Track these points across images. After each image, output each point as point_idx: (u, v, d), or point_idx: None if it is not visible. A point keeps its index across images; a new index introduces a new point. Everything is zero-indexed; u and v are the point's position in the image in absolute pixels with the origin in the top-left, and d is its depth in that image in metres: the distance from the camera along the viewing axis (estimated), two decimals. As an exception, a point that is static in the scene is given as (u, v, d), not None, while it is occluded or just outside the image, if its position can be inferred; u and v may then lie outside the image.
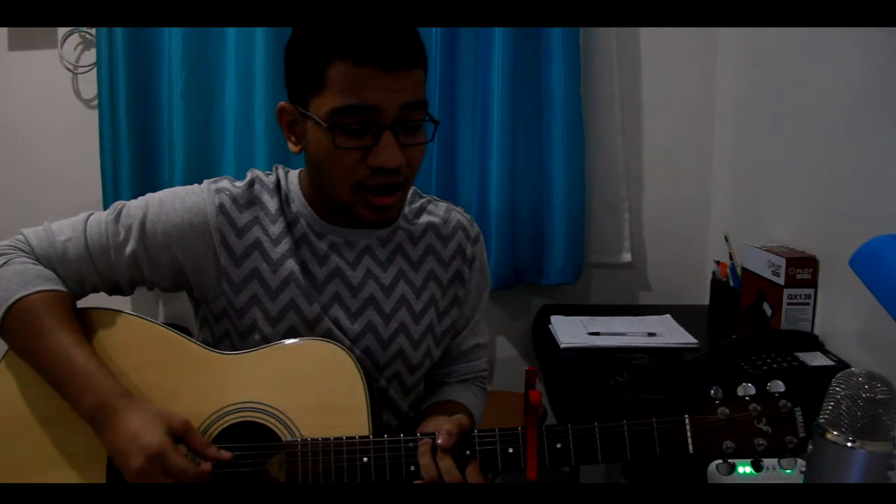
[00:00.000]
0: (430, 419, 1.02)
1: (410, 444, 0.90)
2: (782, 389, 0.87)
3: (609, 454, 0.88)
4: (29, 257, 1.00)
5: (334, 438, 0.91)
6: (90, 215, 1.04)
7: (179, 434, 0.89)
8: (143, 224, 1.01)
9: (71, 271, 1.01)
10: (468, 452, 0.90)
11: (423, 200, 1.14)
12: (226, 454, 0.90)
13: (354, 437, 0.91)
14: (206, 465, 0.88)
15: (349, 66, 0.89)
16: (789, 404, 0.87)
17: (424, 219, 1.12)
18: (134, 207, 1.03)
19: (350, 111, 0.90)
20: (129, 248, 1.01)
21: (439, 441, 0.89)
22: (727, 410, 0.87)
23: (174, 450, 0.87)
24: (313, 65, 0.92)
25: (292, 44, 0.97)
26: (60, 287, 0.99)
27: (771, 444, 0.86)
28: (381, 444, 0.90)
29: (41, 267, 1.00)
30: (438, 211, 1.14)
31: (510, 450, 0.89)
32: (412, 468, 0.89)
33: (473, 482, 0.88)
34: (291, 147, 1.00)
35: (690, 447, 0.87)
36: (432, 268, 1.10)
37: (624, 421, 0.88)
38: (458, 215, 1.15)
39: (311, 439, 0.91)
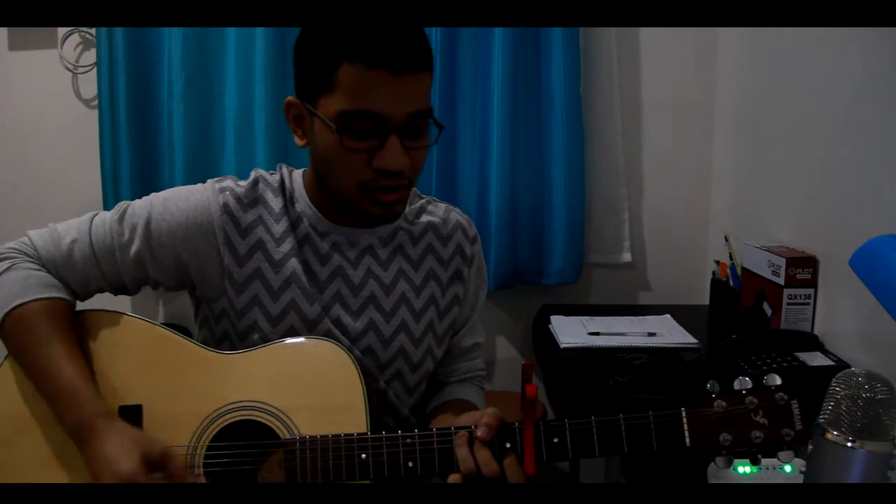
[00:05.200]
0: (465, 414, 0.98)
1: (408, 441, 0.90)
2: (778, 383, 0.87)
3: (606, 448, 0.88)
4: (33, 262, 1.00)
5: (332, 436, 0.91)
6: (94, 216, 1.04)
7: (156, 463, 0.86)
8: (147, 224, 1.01)
9: (76, 273, 1.01)
10: (508, 445, 0.89)
11: (422, 201, 1.15)
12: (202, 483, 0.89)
13: (353, 434, 0.91)
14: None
15: (359, 68, 0.89)
16: (786, 397, 0.87)
17: (424, 219, 1.13)
18: (138, 207, 1.03)
19: (358, 115, 0.91)
20: (133, 248, 1.01)
21: (478, 434, 0.89)
22: (724, 403, 0.88)
23: (145, 478, 0.84)
24: (323, 64, 0.92)
25: (302, 41, 0.97)
26: (60, 294, 0.99)
27: (768, 436, 0.86)
28: (379, 441, 0.90)
29: (44, 273, 1.00)
30: (438, 211, 1.14)
31: (507, 445, 0.90)
32: (410, 464, 0.90)
33: (512, 474, 0.88)
34: (297, 141, 1.01)
35: (687, 440, 0.88)
36: (432, 267, 1.11)
37: (620, 415, 0.89)
38: (456, 216, 1.16)
39: (310, 437, 0.91)
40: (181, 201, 1.02)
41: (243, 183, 1.06)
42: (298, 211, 1.05)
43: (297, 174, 1.09)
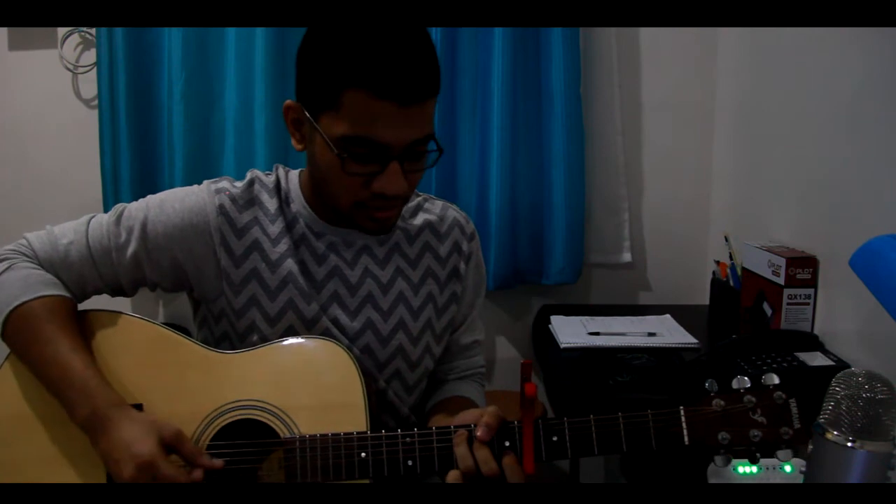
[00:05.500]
0: (465, 412, 0.99)
1: (408, 439, 0.90)
2: (777, 382, 0.87)
3: (605, 447, 0.88)
4: (32, 262, 1.01)
5: (332, 434, 0.91)
6: (92, 218, 1.05)
7: (171, 443, 0.89)
8: (144, 225, 1.02)
9: (73, 274, 1.01)
10: (507, 443, 0.89)
11: (419, 199, 1.15)
12: (217, 462, 0.90)
13: (352, 433, 0.91)
14: (197, 473, 0.88)
15: (366, 96, 0.88)
16: (784, 396, 0.87)
17: (421, 217, 1.13)
18: (135, 209, 1.04)
19: (361, 142, 0.91)
20: (130, 250, 1.02)
21: (478, 433, 0.89)
22: (722, 402, 0.88)
23: (164, 459, 0.87)
24: (328, 84, 0.90)
25: (307, 52, 0.94)
26: (61, 292, 0.99)
27: (766, 435, 0.86)
28: (378, 440, 0.90)
29: (43, 272, 1.00)
30: (435, 209, 1.14)
31: (507, 443, 0.90)
32: (409, 463, 0.90)
33: (511, 473, 0.88)
34: (295, 144, 1.00)
35: (686, 438, 0.88)
36: (429, 265, 1.11)
37: (619, 413, 0.89)
38: (454, 213, 1.16)
39: (310, 436, 0.91)
40: (177, 202, 1.03)
41: (239, 184, 1.06)
42: (294, 211, 1.05)
43: (294, 175, 1.09)
